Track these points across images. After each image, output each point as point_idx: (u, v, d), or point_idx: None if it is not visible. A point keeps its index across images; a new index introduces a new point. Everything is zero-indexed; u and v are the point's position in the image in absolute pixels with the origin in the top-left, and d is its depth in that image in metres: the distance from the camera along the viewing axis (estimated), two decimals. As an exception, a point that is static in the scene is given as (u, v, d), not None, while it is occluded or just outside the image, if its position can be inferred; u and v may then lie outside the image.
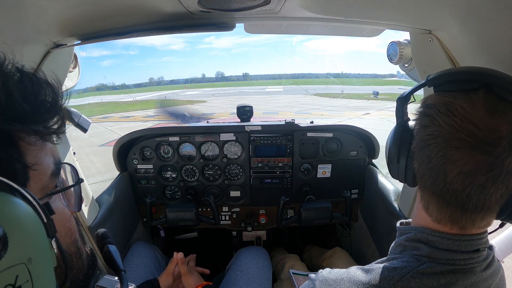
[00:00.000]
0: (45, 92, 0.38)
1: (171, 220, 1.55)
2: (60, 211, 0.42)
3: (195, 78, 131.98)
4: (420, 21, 0.82)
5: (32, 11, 0.69)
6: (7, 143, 0.34)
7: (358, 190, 1.72)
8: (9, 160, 0.34)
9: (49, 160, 0.41)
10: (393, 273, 0.55)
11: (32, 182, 0.37)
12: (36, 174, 0.38)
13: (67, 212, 0.45)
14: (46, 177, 0.40)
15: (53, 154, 0.42)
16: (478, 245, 0.55)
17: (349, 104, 21.14)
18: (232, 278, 1.26)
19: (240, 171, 1.70)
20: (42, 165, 0.39)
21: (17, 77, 0.36)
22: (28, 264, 0.30)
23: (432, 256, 0.55)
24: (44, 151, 0.40)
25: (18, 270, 0.29)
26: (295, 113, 16.67)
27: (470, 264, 0.54)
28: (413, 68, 1.06)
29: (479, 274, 0.55)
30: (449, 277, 0.53)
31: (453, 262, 0.54)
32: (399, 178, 0.62)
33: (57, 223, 0.37)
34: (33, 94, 0.37)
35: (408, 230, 0.61)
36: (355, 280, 0.57)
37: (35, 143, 0.37)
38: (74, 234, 0.45)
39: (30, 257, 0.30)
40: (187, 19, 0.88)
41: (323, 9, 0.82)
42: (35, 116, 0.36)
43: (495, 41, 0.68)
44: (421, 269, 0.54)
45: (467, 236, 0.54)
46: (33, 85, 0.37)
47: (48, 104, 0.38)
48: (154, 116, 17.31)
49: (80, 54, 1.10)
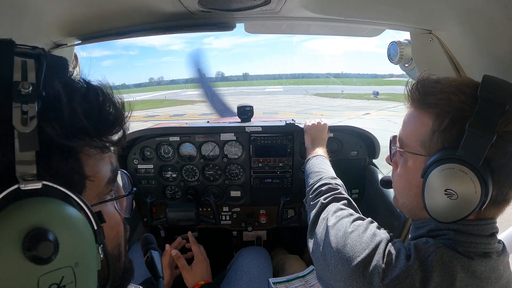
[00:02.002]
0: (108, 108, 0.40)
1: (171, 220, 1.55)
2: (111, 215, 0.44)
3: (195, 78, 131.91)
4: (420, 21, 0.82)
5: (32, 11, 0.69)
6: (68, 155, 0.35)
7: (358, 190, 1.72)
8: (69, 171, 0.35)
9: (107, 168, 0.42)
10: (426, 246, 0.57)
11: (88, 189, 0.39)
12: (93, 183, 0.39)
13: (118, 217, 0.47)
14: (102, 184, 0.41)
15: (111, 161, 0.44)
16: (493, 229, 0.58)
17: (349, 104, 21.13)
18: (233, 278, 1.26)
19: (240, 171, 1.70)
20: (100, 174, 0.41)
21: (83, 91, 0.38)
22: (75, 267, 0.32)
23: (457, 239, 0.57)
24: (103, 160, 0.42)
25: (64, 272, 0.31)
26: (295, 113, 16.66)
27: (488, 248, 0.57)
28: (413, 68, 1.06)
29: (495, 259, 0.57)
30: (474, 260, 0.55)
31: (475, 246, 0.56)
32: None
33: (107, 227, 0.39)
34: (97, 110, 0.38)
35: (427, 222, 0.63)
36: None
37: (95, 155, 0.39)
38: (120, 238, 0.46)
39: (77, 261, 0.32)
40: (187, 19, 0.89)
41: (324, 9, 0.82)
42: (96, 133, 0.38)
43: (495, 41, 0.68)
44: (451, 246, 0.56)
45: (484, 221, 0.57)
46: (98, 101, 0.38)
47: (110, 119, 0.40)
48: (155, 116, 17.30)
49: (80, 54, 1.10)
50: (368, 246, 0.60)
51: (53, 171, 0.33)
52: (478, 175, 0.51)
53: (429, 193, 0.56)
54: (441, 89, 0.58)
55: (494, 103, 0.51)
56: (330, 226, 0.70)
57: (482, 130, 0.50)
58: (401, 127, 0.68)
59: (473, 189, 0.51)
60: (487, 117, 0.51)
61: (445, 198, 0.53)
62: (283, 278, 1.36)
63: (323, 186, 0.91)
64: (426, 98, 0.59)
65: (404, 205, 0.69)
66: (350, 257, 0.60)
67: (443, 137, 0.56)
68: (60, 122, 0.33)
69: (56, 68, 0.36)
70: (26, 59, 0.32)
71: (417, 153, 0.61)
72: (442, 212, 0.55)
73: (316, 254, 0.72)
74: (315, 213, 0.81)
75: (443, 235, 0.59)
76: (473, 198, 0.52)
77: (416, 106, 0.62)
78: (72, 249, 0.32)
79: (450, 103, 0.55)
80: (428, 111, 0.59)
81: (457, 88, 0.56)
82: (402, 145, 0.65)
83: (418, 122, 0.61)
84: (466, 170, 0.51)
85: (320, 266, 0.70)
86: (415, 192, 0.62)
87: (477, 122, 0.51)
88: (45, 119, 0.32)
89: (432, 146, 0.58)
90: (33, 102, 0.30)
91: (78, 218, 0.33)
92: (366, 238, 0.62)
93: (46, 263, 0.29)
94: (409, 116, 0.65)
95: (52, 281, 0.30)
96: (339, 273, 0.61)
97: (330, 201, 0.81)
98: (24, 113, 0.30)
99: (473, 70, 0.80)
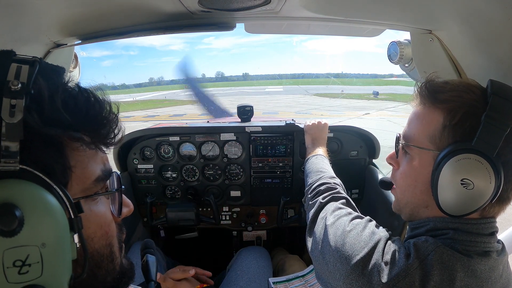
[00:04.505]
0: (93, 104, 0.43)
1: (171, 220, 1.55)
2: (100, 214, 0.46)
3: (195, 78, 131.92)
4: (420, 21, 0.82)
5: (32, 11, 0.69)
6: (47, 144, 0.38)
7: (358, 190, 1.72)
8: (49, 159, 0.38)
9: (97, 167, 0.45)
10: (426, 244, 0.57)
11: (74, 183, 0.41)
12: (78, 177, 0.41)
13: (108, 217, 0.48)
14: (89, 180, 0.43)
15: (104, 162, 0.47)
16: (493, 228, 0.59)
17: (349, 104, 21.12)
18: (233, 278, 1.26)
19: (240, 171, 1.70)
20: (87, 169, 0.43)
21: (69, 90, 0.42)
22: (41, 248, 0.34)
23: (456, 238, 0.58)
24: (93, 158, 0.44)
25: (30, 250, 0.33)
26: (295, 113, 16.66)
27: (488, 247, 0.58)
28: (413, 68, 1.06)
29: (495, 259, 0.58)
30: (473, 258, 0.56)
31: (474, 245, 0.57)
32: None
33: (94, 225, 0.44)
34: (83, 107, 0.42)
35: (425, 223, 0.64)
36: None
37: (78, 149, 0.41)
38: (110, 238, 0.48)
39: (44, 242, 0.34)
40: (187, 19, 0.89)
41: (324, 9, 0.82)
42: (79, 126, 0.41)
43: (495, 41, 0.68)
44: (450, 245, 0.57)
45: (485, 219, 0.59)
46: (83, 98, 0.42)
47: (93, 114, 0.43)
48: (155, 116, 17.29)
49: (80, 54, 1.10)
50: (367, 245, 0.60)
51: (33, 157, 0.36)
52: (492, 166, 0.53)
53: (442, 186, 0.57)
54: (451, 88, 0.60)
55: (505, 100, 0.55)
56: (329, 225, 0.70)
57: (498, 121, 0.53)
58: (407, 125, 0.68)
59: (488, 179, 0.53)
60: (501, 111, 0.54)
61: (461, 188, 0.54)
62: (282, 278, 1.36)
63: (321, 186, 0.91)
64: (437, 95, 0.61)
65: (408, 204, 0.68)
66: (349, 256, 0.60)
67: (454, 131, 0.58)
68: (41, 113, 0.36)
69: (50, 73, 0.40)
70: (22, 65, 0.36)
71: (426, 148, 0.62)
72: (455, 205, 0.56)
73: (315, 253, 0.72)
74: (313, 212, 0.82)
75: (443, 234, 0.60)
76: (488, 188, 0.54)
77: (426, 103, 0.63)
78: (37, 229, 0.34)
79: (462, 100, 0.58)
80: (439, 107, 0.60)
81: (466, 87, 0.60)
82: (409, 141, 0.66)
83: (427, 118, 0.62)
84: (482, 160, 0.53)
85: (319, 265, 0.70)
86: (421, 189, 0.63)
87: (493, 114, 0.54)
88: (29, 111, 0.35)
89: (443, 141, 0.59)
90: (21, 98, 0.34)
91: (51, 203, 0.36)
92: (365, 236, 0.62)
93: (9, 236, 0.32)
94: (416, 113, 0.66)
95: (16, 257, 0.33)
96: (338, 271, 0.61)
97: (329, 200, 0.82)
98: (13, 107, 0.34)
99: (473, 70, 0.81)
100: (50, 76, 0.40)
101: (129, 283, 0.52)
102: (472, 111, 0.56)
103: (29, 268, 0.33)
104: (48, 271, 0.35)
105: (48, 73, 0.40)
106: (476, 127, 0.54)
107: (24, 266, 0.33)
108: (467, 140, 0.55)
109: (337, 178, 0.99)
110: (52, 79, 0.40)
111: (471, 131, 0.55)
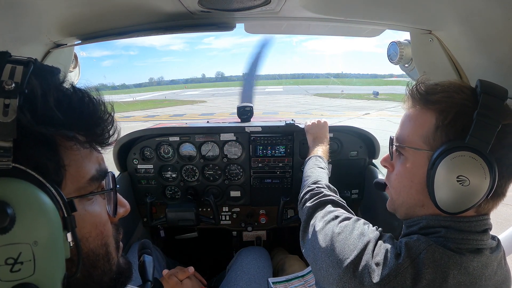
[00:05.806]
0: (87, 104, 0.43)
1: (171, 220, 1.55)
2: (95, 214, 0.46)
3: (195, 78, 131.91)
4: (420, 21, 0.82)
5: (32, 11, 0.69)
6: (40, 143, 0.38)
7: (358, 190, 1.72)
8: (42, 158, 0.38)
9: (92, 166, 0.45)
10: (417, 243, 0.58)
11: (69, 182, 0.41)
12: (72, 175, 0.41)
13: (103, 217, 0.48)
14: (84, 180, 0.43)
15: (100, 162, 0.47)
16: (486, 225, 0.60)
17: (349, 104, 21.14)
18: (233, 278, 1.26)
19: (240, 171, 1.70)
20: (81, 169, 0.43)
21: (63, 90, 0.42)
22: (34, 246, 0.34)
23: (448, 236, 0.59)
24: (88, 157, 0.44)
25: (22, 248, 0.33)
26: (295, 113, 16.67)
27: (480, 245, 0.58)
28: (413, 68, 1.06)
29: (488, 256, 0.58)
30: (465, 256, 0.56)
31: (466, 242, 0.58)
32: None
33: (89, 224, 0.44)
34: (77, 106, 0.42)
35: (418, 221, 0.65)
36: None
37: (72, 148, 0.41)
38: (105, 238, 0.48)
39: (36, 240, 0.34)
40: (187, 19, 0.89)
41: (323, 9, 0.82)
42: (71, 126, 0.41)
43: (495, 41, 0.68)
44: (442, 243, 0.58)
45: (477, 217, 0.60)
46: (76, 97, 0.42)
47: (87, 114, 0.43)
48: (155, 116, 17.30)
49: (80, 54, 1.10)
50: (356, 247, 0.61)
51: (26, 156, 0.37)
52: (486, 162, 0.54)
53: (439, 184, 0.57)
54: (442, 89, 0.62)
55: (495, 98, 0.56)
56: (318, 231, 0.72)
57: (489, 118, 0.54)
58: (399, 127, 0.69)
59: (483, 175, 0.54)
60: (492, 108, 0.55)
61: (457, 185, 0.55)
62: (282, 278, 1.37)
63: (306, 194, 0.94)
64: (428, 97, 0.62)
65: (403, 204, 0.69)
66: (339, 260, 0.61)
67: (447, 131, 0.59)
68: (34, 112, 0.37)
69: (44, 73, 0.41)
70: (16, 65, 0.37)
71: (420, 148, 0.63)
72: (452, 202, 0.57)
73: (309, 259, 0.74)
74: (304, 220, 0.84)
75: (435, 232, 0.61)
76: (483, 184, 0.55)
77: (418, 105, 0.64)
78: (29, 227, 0.34)
79: (454, 100, 0.59)
80: (431, 108, 0.61)
81: (457, 87, 0.61)
82: (403, 143, 0.67)
83: (420, 120, 0.63)
84: (476, 157, 0.54)
85: (314, 271, 0.71)
86: (417, 189, 0.64)
87: (484, 112, 0.55)
88: (23, 111, 0.35)
89: (436, 140, 0.60)
90: (15, 98, 0.35)
91: (43, 201, 0.36)
92: (353, 239, 0.63)
93: (0, 234, 0.32)
94: (409, 115, 0.67)
95: (9, 254, 0.33)
96: (331, 276, 0.63)
97: (316, 207, 0.83)
98: (6, 106, 0.34)
99: (473, 70, 0.81)
100: (45, 76, 0.40)
101: (126, 283, 0.52)
102: (464, 110, 0.57)
103: (21, 266, 0.33)
104: (41, 269, 0.35)
105: (42, 73, 0.40)
106: (468, 126, 0.55)
107: (16, 264, 0.33)
108: (460, 139, 0.56)
109: (322, 179, 1.01)
110: (46, 79, 0.40)
111: (464, 129, 0.56)
